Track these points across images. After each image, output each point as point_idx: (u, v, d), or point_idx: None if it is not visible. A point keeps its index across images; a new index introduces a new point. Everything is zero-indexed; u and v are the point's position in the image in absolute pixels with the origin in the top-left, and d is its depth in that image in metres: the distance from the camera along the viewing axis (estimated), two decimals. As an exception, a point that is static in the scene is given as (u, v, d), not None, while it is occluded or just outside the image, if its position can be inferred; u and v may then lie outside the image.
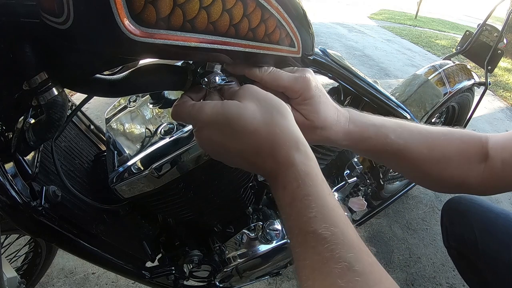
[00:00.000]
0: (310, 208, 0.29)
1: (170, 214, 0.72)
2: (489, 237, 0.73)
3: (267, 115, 0.34)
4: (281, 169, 0.33)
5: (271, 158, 0.33)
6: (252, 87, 0.39)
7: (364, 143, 0.46)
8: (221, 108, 0.35)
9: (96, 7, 0.29)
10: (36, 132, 0.43)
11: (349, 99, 0.92)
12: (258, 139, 0.34)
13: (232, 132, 0.34)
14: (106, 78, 0.42)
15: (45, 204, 0.49)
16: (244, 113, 0.34)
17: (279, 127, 0.34)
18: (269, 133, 0.34)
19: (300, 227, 0.29)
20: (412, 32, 6.23)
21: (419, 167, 0.48)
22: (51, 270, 1.13)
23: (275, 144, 0.33)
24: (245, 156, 0.35)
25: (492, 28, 1.26)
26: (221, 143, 0.35)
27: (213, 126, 0.35)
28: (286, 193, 0.32)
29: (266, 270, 0.85)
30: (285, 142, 0.33)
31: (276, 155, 0.33)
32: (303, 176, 0.31)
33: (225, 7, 0.35)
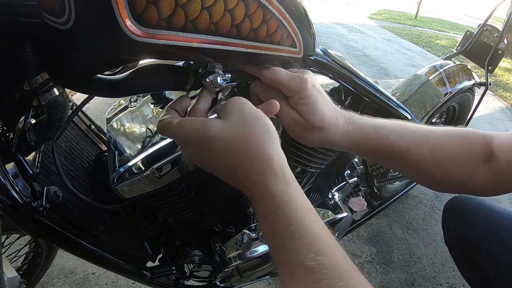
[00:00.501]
0: (294, 238, 0.28)
1: (171, 214, 0.72)
2: (491, 236, 0.73)
3: (248, 138, 0.33)
4: (260, 197, 0.32)
5: (250, 183, 0.32)
6: (242, 102, 0.37)
7: (364, 145, 0.45)
8: (200, 128, 0.34)
9: (97, 7, 0.29)
10: (37, 132, 0.43)
11: (350, 99, 0.92)
12: (236, 162, 0.33)
13: (211, 152, 0.33)
14: (107, 78, 0.42)
15: (46, 204, 0.49)
16: (223, 135, 0.33)
17: (258, 151, 0.33)
18: (248, 158, 0.32)
19: (284, 258, 0.28)
20: (412, 32, 6.23)
21: (421, 169, 0.47)
22: (51, 270, 1.13)
23: (253, 170, 0.32)
24: (227, 175, 0.35)
25: (493, 29, 1.26)
26: (203, 160, 0.35)
27: (193, 144, 0.35)
28: (267, 223, 0.30)
29: (266, 270, 0.85)
30: (264, 169, 0.32)
31: (255, 182, 0.32)
32: (283, 206, 0.30)
33: (227, 8, 0.35)
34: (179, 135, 0.36)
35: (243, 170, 0.33)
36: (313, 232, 0.28)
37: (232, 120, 0.34)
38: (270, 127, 0.35)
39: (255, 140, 0.33)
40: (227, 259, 0.77)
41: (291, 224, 0.28)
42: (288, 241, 0.28)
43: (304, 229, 0.28)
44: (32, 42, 0.35)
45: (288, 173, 0.33)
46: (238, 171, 0.33)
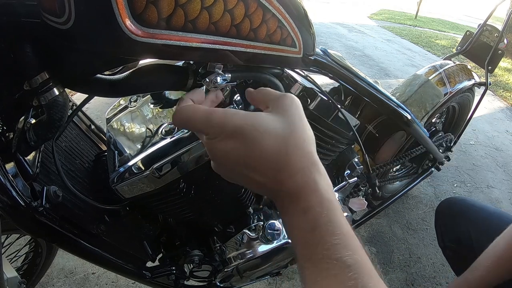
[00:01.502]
0: (334, 235, 0.28)
1: (170, 214, 0.72)
2: (483, 236, 0.74)
3: (296, 135, 0.32)
4: (302, 192, 0.31)
5: (292, 180, 0.31)
6: (296, 101, 0.35)
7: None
8: (254, 119, 0.31)
9: (97, 7, 0.29)
10: (36, 132, 0.43)
11: (350, 99, 0.92)
12: (283, 159, 0.31)
13: (257, 148, 0.31)
14: (107, 78, 0.42)
15: (46, 204, 0.49)
16: (275, 130, 0.31)
17: (306, 148, 0.32)
18: (296, 154, 0.31)
19: (323, 254, 0.28)
20: (412, 32, 6.23)
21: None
22: (51, 270, 1.13)
23: (301, 168, 0.31)
24: (262, 174, 0.32)
25: (493, 28, 1.26)
26: (238, 158, 0.31)
27: (238, 138, 0.31)
28: (307, 218, 0.30)
29: (266, 270, 0.85)
30: (309, 166, 0.31)
31: (299, 178, 0.31)
32: (327, 203, 0.30)
33: (226, 8, 0.35)
34: (219, 125, 0.31)
35: (290, 168, 0.31)
36: (349, 232, 0.29)
37: (286, 117, 0.33)
38: (311, 130, 0.35)
39: (306, 141, 0.33)
40: (227, 259, 0.77)
41: (331, 220, 0.29)
42: (328, 237, 0.28)
43: (342, 227, 0.29)
44: (32, 42, 0.35)
45: (326, 174, 0.33)
46: (285, 169, 0.31)
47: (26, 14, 0.34)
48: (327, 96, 0.70)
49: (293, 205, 0.31)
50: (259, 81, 0.54)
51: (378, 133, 1.09)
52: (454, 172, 1.99)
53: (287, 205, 0.31)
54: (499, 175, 2.05)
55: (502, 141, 2.48)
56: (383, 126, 1.08)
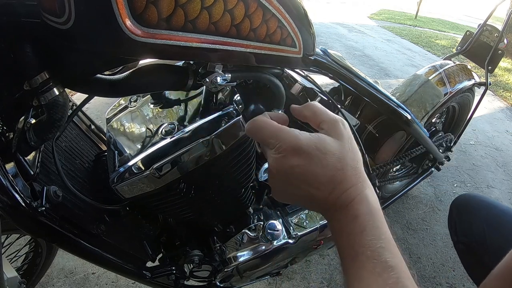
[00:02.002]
0: (380, 239, 0.32)
1: (170, 214, 0.72)
2: (496, 233, 0.75)
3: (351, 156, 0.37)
4: (353, 202, 0.35)
5: (346, 193, 0.35)
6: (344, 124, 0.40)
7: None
8: (320, 140, 0.36)
9: (97, 7, 0.29)
10: (37, 132, 0.43)
11: (350, 99, 0.92)
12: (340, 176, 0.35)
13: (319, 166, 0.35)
14: (107, 78, 0.42)
15: (46, 204, 0.49)
16: (334, 152, 0.36)
17: (359, 168, 0.36)
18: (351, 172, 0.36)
19: (368, 254, 0.32)
20: (412, 32, 6.23)
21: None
22: (51, 270, 1.12)
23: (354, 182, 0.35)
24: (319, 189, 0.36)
25: (493, 28, 1.26)
26: (300, 173, 0.35)
27: (303, 156, 0.35)
28: (357, 223, 0.34)
29: (266, 270, 0.85)
30: (361, 181, 0.36)
31: (352, 191, 0.35)
32: (374, 211, 0.34)
33: (226, 8, 0.35)
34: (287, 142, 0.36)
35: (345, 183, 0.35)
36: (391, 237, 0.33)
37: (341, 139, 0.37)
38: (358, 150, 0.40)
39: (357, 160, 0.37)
40: (227, 259, 0.77)
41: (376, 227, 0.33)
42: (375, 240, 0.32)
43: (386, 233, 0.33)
44: (32, 42, 0.35)
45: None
46: (341, 184, 0.35)
47: (26, 14, 0.34)
48: (327, 96, 0.70)
49: (344, 213, 0.35)
50: (259, 81, 0.54)
51: (378, 133, 1.09)
52: (454, 172, 1.99)
53: (338, 214, 0.35)
54: (499, 175, 2.05)
55: (502, 141, 2.48)
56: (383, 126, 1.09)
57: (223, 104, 0.54)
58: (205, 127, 0.53)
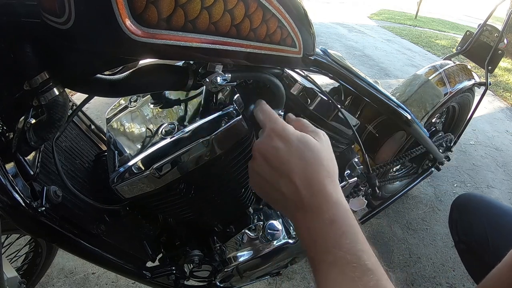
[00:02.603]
0: (359, 242, 0.33)
1: (170, 214, 0.72)
2: (498, 233, 0.75)
3: (327, 151, 0.39)
4: (330, 205, 0.35)
5: (321, 193, 0.36)
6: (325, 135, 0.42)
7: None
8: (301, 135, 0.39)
9: (97, 7, 0.29)
10: (37, 132, 0.43)
11: (349, 99, 0.92)
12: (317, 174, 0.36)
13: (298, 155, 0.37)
14: (107, 78, 0.42)
15: (46, 204, 0.49)
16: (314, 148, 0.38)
17: (332, 163, 0.38)
18: (327, 172, 0.37)
19: (349, 260, 0.31)
20: (412, 32, 6.23)
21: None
22: (51, 270, 1.12)
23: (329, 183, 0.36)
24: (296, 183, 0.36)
25: (493, 28, 1.26)
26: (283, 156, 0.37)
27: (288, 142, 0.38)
28: (335, 227, 0.34)
29: (266, 270, 0.85)
30: (334, 185, 0.36)
31: (327, 191, 0.36)
32: (349, 215, 0.34)
33: (226, 8, 0.35)
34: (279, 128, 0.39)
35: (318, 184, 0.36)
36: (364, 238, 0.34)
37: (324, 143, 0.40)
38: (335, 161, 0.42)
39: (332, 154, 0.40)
40: (227, 259, 0.77)
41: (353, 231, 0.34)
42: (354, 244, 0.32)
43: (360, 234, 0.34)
44: (32, 42, 0.35)
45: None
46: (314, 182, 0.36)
47: (26, 14, 0.34)
48: (327, 96, 0.70)
49: (320, 216, 0.35)
50: (259, 81, 0.54)
51: (378, 133, 1.09)
52: (454, 172, 1.99)
53: (312, 216, 0.35)
54: (499, 175, 2.05)
55: (502, 141, 2.48)
56: (383, 126, 1.09)
57: (223, 104, 0.54)
58: (205, 127, 0.53)
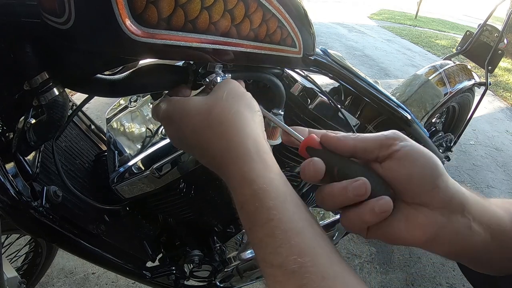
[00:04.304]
0: (274, 236, 0.24)
1: (170, 214, 0.72)
2: None
3: (225, 113, 0.30)
4: (235, 182, 0.28)
5: (225, 166, 0.29)
6: (229, 81, 0.35)
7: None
8: (182, 103, 0.33)
9: (97, 7, 0.29)
10: (37, 132, 0.43)
11: (349, 99, 0.92)
12: (210, 139, 0.30)
13: (188, 127, 0.31)
14: (107, 78, 0.42)
15: (46, 204, 0.49)
16: (202, 109, 0.31)
17: (235, 129, 0.30)
18: (223, 135, 0.29)
19: (265, 259, 0.25)
20: (412, 32, 6.23)
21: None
22: (51, 270, 1.12)
23: (227, 149, 0.29)
24: (203, 155, 0.32)
25: (493, 28, 1.26)
26: (181, 138, 0.33)
27: (173, 120, 0.33)
28: (245, 215, 0.27)
29: (266, 270, 0.85)
30: (238, 150, 0.29)
31: (229, 163, 0.29)
32: (261, 195, 0.26)
33: (226, 8, 0.35)
34: (163, 113, 0.34)
35: (217, 149, 0.29)
36: (295, 226, 0.25)
37: (214, 95, 0.33)
38: (253, 106, 0.33)
39: (232, 116, 0.30)
40: (227, 259, 0.77)
41: (270, 218, 0.25)
42: (267, 239, 0.25)
43: (284, 223, 0.25)
44: (32, 42, 0.35)
45: (267, 155, 0.29)
46: (212, 150, 0.30)
47: (26, 14, 0.34)
48: (327, 96, 0.70)
49: (233, 197, 0.29)
50: (259, 81, 0.54)
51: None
52: (454, 172, 1.99)
53: (232, 194, 0.29)
54: (499, 175, 2.05)
55: (502, 141, 2.48)
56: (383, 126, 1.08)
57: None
58: (205, 127, 0.53)
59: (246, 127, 0.30)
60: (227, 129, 0.30)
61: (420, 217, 0.27)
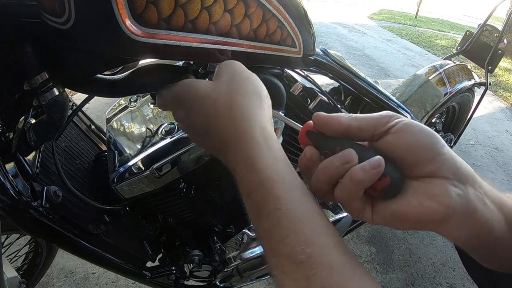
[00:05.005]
0: (281, 225, 0.24)
1: (170, 214, 0.72)
2: None
3: (234, 99, 0.30)
4: (242, 169, 0.27)
5: (232, 153, 0.28)
6: (234, 64, 0.33)
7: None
8: (191, 86, 0.32)
9: (97, 7, 0.29)
10: (37, 132, 0.43)
11: (349, 99, 0.92)
12: (218, 125, 0.30)
13: (196, 112, 0.31)
14: (107, 78, 0.42)
15: (46, 204, 0.49)
16: (209, 94, 0.30)
17: (243, 115, 0.29)
18: (231, 122, 0.29)
19: (272, 248, 0.24)
20: (412, 32, 6.23)
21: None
22: (51, 270, 1.12)
23: (235, 136, 0.28)
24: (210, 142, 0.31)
25: (493, 29, 1.26)
26: (190, 123, 0.33)
27: (183, 104, 0.33)
28: (251, 203, 0.27)
29: (266, 270, 0.85)
30: (247, 136, 0.28)
31: (237, 150, 0.28)
32: (269, 184, 0.26)
33: (226, 8, 0.35)
34: (172, 96, 0.34)
35: (225, 134, 0.29)
36: (302, 216, 0.25)
37: (221, 80, 0.32)
38: (261, 90, 0.32)
39: (241, 102, 0.29)
40: (227, 259, 0.77)
41: (277, 207, 0.25)
42: (274, 229, 0.24)
43: (292, 213, 0.24)
44: (32, 42, 0.35)
45: (276, 144, 0.29)
46: (221, 134, 0.29)
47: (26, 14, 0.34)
48: (327, 96, 0.70)
49: (239, 185, 0.28)
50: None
51: (378, 133, 1.09)
52: (454, 172, 1.99)
53: (237, 181, 0.28)
54: (499, 175, 2.05)
55: (502, 141, 2.48)
56: (383, 126, 1.08)
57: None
58: (205, 127, 0.53)
59: (254, 113, 0.29)
60: (236, 115, 0.29)
61: (432, 187, 0.25)
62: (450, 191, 0.25)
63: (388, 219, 0.26)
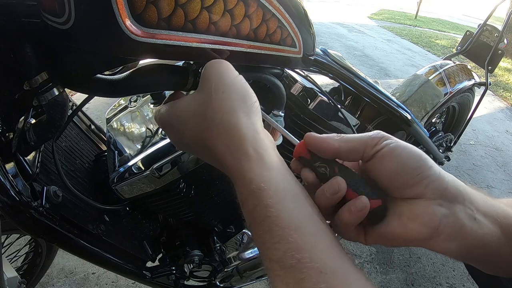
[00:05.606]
0: (272, 232, 0.25)
1: (170, 214, 0.72)
2: None
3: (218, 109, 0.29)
4: (235, 183, 0.28)
5: (226, 164, 0.29)
6: (218, 67, 0.32)
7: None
8: (173, 104, 0.33)
9: (97, 7, 0.29)
10: (37, 132, 0.43)
11: (350, 99, 0.92)
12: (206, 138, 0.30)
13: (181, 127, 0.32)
14: (107, 78, 0.42)
15: (46, 204, 0.49)
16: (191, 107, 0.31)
17: (229, 126, 0.29)
18: (220, 134, 0.29)
19: (264, 254, 0.25)
20: (412, 32, 6.23)
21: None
22: (51, 270, 1.13)
23: (226, 148, 0.28)
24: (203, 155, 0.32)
25: (493, 28, 1.26)
26: (178, 140, 0.34)
27: (169, 123, 0.34)
28: (245, 211, 0.27)
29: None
30: (236, 148, 0.28)
31: (229, 162, 0.28)
32: (259, 194, 0.26)
33: (226, 7, 0.35)
34: (162, 120, 0.35)
35: (217, 150, 0.29)
36: (293, 223, 0.25)
37: (204, 92, 0.30)
38: (247, 97, 0.31)
39: (228, 116, 0.29)
40: (227, 259, 0.77)
41: (267, 215, 0.25)
42: (266, 235, 0.25)
43: (282, 220, 0.25)
44: (32, 42, 0.35)
45: (266, 152, 0.28)
46: (213, 151, 0.29)
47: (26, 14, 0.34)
48: (327, 96, 0.70)
49: (236, 193, 0.28)
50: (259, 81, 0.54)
51: (378, 133, 1.09)
52: (454, 172, 1.99)
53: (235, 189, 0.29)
54: (499, 175, 2.05)
55: (502, 141, 2.48)
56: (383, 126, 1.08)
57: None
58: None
59: (240, 122, 0.29)
60: (224, 131, 0.29)
61: (416, 208, 0.26)
62: (435, 211, 0.26)
63: (380, 240, 0.29)
